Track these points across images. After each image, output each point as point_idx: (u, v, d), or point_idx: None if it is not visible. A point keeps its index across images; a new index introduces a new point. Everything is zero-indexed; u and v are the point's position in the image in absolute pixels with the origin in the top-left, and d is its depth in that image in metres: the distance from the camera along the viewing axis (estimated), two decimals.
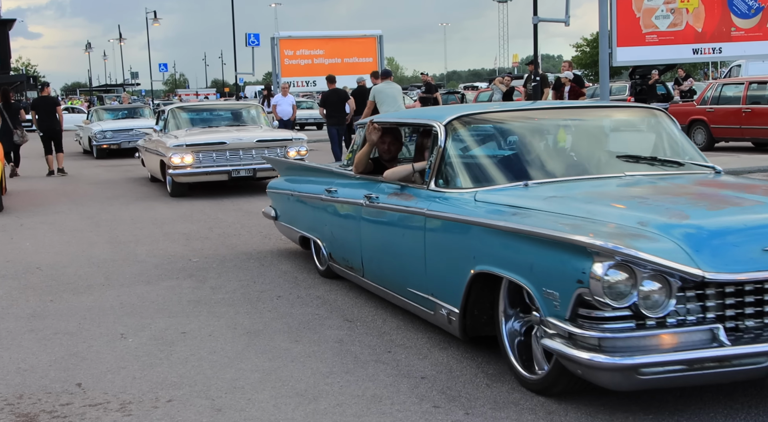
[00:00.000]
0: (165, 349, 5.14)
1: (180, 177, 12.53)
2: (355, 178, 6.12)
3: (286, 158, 12.34)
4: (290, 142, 12.91)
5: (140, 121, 22.90)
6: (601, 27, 13.29)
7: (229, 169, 12.54)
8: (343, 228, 6.18)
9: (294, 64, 24.11)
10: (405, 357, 4.81)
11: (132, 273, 7.50)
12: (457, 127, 5.13)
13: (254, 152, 12.53)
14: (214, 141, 12.61)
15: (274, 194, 7.87)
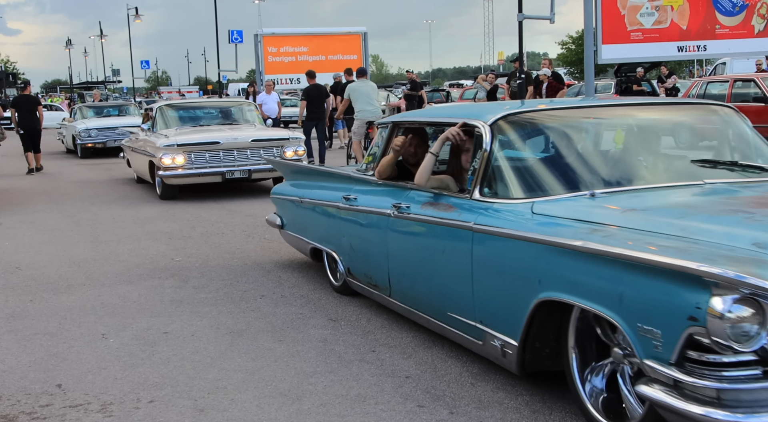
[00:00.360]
0: (147, 349, 5.13)
1: (171, 178, 11.99)
2: (378, 184, 5.51)
3: (283, 158, 11.91)
4: (287, 142, 12.46)
5: (126, 119, 22.33)
6: (586, 24, 13.33)
7: (223, 170, 12.03)
8: (365, 241, 5.54)
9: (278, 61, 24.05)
10: (389, 356, 4.82)
11: (113, 272, 7.47)
12: (504, 127, 4.50)
13: (249, 152, 12.07)
14: (207, 140, 12.09)
15: (280, 200, 7.23)
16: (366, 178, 5.70)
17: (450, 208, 4.47)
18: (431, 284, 4.65)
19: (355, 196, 5.67)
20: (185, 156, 11.85)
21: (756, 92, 16.11)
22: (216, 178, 12.08)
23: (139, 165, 13.84)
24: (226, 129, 12.95)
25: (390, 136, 5.63)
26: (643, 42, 13.65)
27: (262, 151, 12.07)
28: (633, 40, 13.57)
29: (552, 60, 18.03)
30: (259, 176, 12.27)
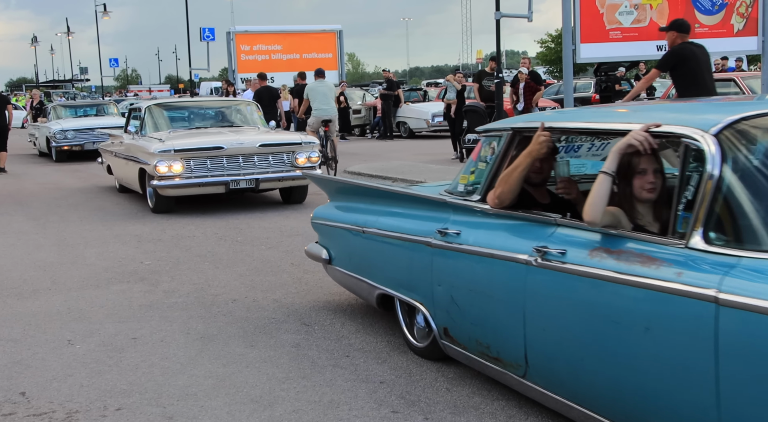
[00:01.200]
0: (114, 356, 5.10)
1: (167, 189, 10.55)
2: (496, 215, 4.10)
3: (295, 166, 10.94)
4: (299, 147, 11.07)
5: (106, 119, 21.27)
6: (564, 23, 13.42)
7: (227, 180, 10.61)
8: (480, 296, 4.01)
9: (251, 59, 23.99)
10: (363, 361, 4.82)
11: (80, 276, 7.42)
12: (736, 139, 3.08)
13: (256, 158, 10.77)
14: (209, 145, 10.62)
15: (327, 227, 5.76)
16: (471, 205, 4.28)
17: (651, 261, 3.08)
18: (620, 375, 3.18)
19: (456, 231, 4.24)
20: (183, 163, 10.44)
21: (736, 92, 16.28)
22: (219, 189, 10.69)
23: (124, 173, 12.47)
24: (227, 132, 11.60)
25: (508, 148, 4.20)
26: (621, 41, 13.75)
27: (271, 158, 10.86)
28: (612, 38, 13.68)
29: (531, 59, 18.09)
30: (267, 186, 11.03)
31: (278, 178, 10.91)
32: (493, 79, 16.46)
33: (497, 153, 4.26)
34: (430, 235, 4.43)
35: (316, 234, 6.03)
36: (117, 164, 12.93)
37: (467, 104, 17.06)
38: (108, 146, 13.67)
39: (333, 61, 23.76)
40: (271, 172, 10.83)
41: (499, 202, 4.06)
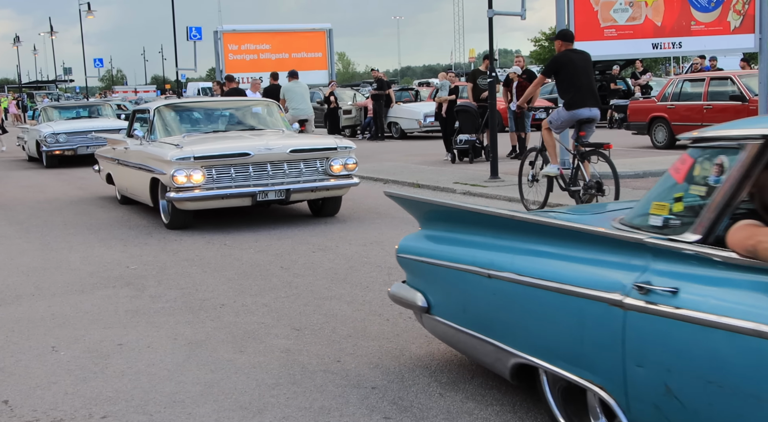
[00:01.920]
0: (100, 362, 5.08)
1: (185, 202, 9.41)
2: (747, 269, 2.79)
3: (330, 174, 9.87)
4: (334, 153, 9.90)
5: (100, 122, 20.54)
6: (558, 21, 13.46)
7: (254, 191, 9.42)
8: (733, 396, 2.70)
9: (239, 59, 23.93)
10: (355, 366, 4.82)
11: (64, 281, 7.40)
12: None
13: (286, 166, 9.64)
14: (234, 152, 9.45)
15: (423, 265, 4.40)
16: (694, 251, 2.98)
17: None
18: None
19: (669, 287, 2.94)
20: (205, 172, 9.29)
21: (733, 90, 16.34)
22: (244, 201, 9.52)
23: (130, 183, 11.30)
24: (249, 136, 10.48)
25: (754, 165, 2.95)
26: (616, 39, 13.80)
27: (303, 165, 9.75)
28: (606, 36, 13.73)
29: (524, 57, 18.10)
30: (298, 197, 9.88)
31: (311, 187, 9.75)
32: (486, 78, 16.46)
33: (731, 173, 3.00)
34: (619, 290, 3.10)
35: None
36: (120, 173, 11.79)
37: (459, 104, 17.07)
38: (107, 152, 12.55)
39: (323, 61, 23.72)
40: (302, 181, 9.74)
41: (760, 251, 2.73)
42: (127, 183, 11.53)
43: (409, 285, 4.58)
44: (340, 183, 9.91)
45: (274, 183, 9.58)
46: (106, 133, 17.81)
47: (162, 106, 11.33)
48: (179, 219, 9.79)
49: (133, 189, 11.27)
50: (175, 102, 12.35)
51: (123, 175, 11.64)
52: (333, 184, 9.87)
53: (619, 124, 23.17)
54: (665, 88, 18.47)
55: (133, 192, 11.29)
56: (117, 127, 18.87)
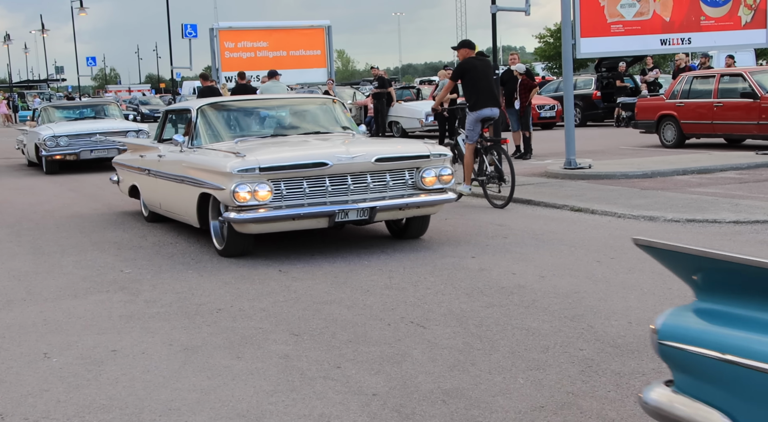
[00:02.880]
0: (93, 369, 5.08)
1: (249, 224, 7.86)
2: None
3: (422, 189, 8.34)
4: (426, 161, 8.34)
5: (106, 123, 19.38)
6: (564, 16, 13.45)
7: (333, 210, 7.86)
8: None
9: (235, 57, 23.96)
10: (356, 372, 4.82)
11: (57, 286, 7.40)
12: None
13: (370, 178, 8.08)
14: (308, 161, 7.89)
15: (726, 367, 2.59)
16: None
17: None
18: None
19: None
20: (272, 187, 7.73)
21: (744, 87, 16.33)
22: (320, 222, 7.96)
23: (167, 198, 9.67)
24: (315, 140, 9.03)
25: None
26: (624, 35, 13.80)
27: (389, 176, 8.20)
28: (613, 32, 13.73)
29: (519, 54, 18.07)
30: (385, 217, 8.35)
31: (399, 205, 8.20)
32: None
33: None
34: None
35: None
36: (151, 186, 10.17)
37: (460, 102, 17.06)
38: (131, 160, 11.06)
39: (321, 58, 23.75)
40: (389, 197, 8.18)
41: None
42: (161, 198, 9.87)
43: (687, 393, 2.78)
44: (434, 198, 8.35)
45: (356, 199, 8.03)
46: (112, 135, 17.61)
47: (206, 105, 9.65)
48: (237, 244, 8.24)
49: (171, 205, 9.61)
50: (222, 100, 10.51)
51: (156, 188, 10.01)
52: (425, 199, 8.31)
53: (627, 123, 23.17)
54: (674, 85, 18.45)
55: (171, 209, 9.64)
56: (124, 129, 18.59)
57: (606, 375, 4.56)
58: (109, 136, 17.70)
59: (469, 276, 7.02)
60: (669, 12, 13.97)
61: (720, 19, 14.27)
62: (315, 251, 8.34)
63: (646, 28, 13.91)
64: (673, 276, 3.02)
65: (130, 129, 18.62)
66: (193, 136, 9.20)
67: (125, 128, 18.63)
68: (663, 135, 18.24)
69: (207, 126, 9.32)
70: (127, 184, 11.27)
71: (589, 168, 13.42)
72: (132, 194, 11.19)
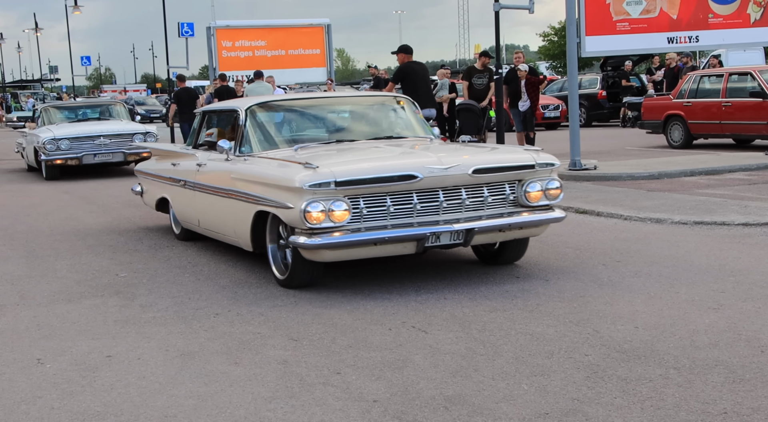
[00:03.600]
0: (87, 375, 5.08)
1: (322, 251, 6.56)
2: None
3: (527, 205, 7.05)
4: (531, 173, 7.03)
5: (111, 125, 18.31)
6: (569, 14, 13.46)
7: (422, 233, 6.58)
8: None
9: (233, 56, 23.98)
10: (356, 378, 4.82)
11: (50, 290, 7.40)
12: None
13: (465, 194, 6.78)
14: (395, 173, 6.59)
15: None
16: None
17: None
18: None
19: None
20: (349, 205, 6.43)
21: (753, 86, 16.33)
22: (406, 248, 6.69)
23: (209, 215, 8.34)
24: (388, 146, 7.69)
25: None
26: (630, 33, 13.80)
27: (487, 191, 6.91)
28: (619, 30, 13.72)
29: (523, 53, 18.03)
30: (482, 240, 7.04)
31: (499, 226, 6.90)
32: (484, 77, 16.35)
33: None
34: None
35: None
36: (187, 200, 8.86)
37: (461, 103, 17.05)
38: (160, 169, 9.83)
39: (321, 58, 23.76)
40: (486, 217, 6.89)
41: None
42: (200, 214, 8.59)
43: None
44: (539, 217, 7.09)
45: (449, 220, 6.77)
46: (118, 138, 17.15)
47: (255, 105, 8.32)
48: (304, 273, 6.97)
49: (214, 224, 8.32)
50: (274, 100, 9.00)
51: (193, 202, 8.70)
52: (529, 219, 7.05)
53: (633, 123, 23.16)
54: (681, 84, 18.45)
55: (214, 228, 8.35)
56: (131, 131, 17.74)
57: (612, 381, 4.56)
58: (114, 139, 17.15)
59: (471, 280, 7.02)
60: (676, 9, 13.97)
61: (728, 16, 14.26)
62: None
63: (652, 26, 13.90)
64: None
65: (137, 131, 17.74)
66: (241, 141, 7.95)
67: (132, 130, 17.81)
68: (670, 135, 18.24)
69: (258, 130, 8.09)
70: (154, 196, 10.01)
71: (594, 169, 13.43)
72: (160, 208, 9.99)
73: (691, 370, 4.69)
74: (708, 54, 31.45)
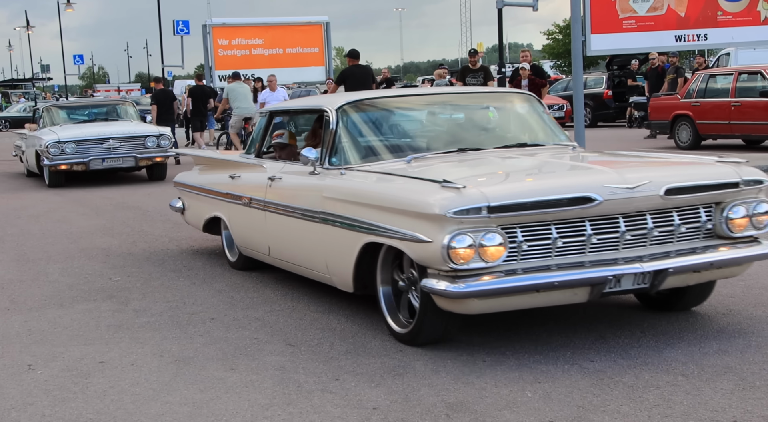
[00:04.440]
0: (80, 382, 5.08)
1: (469, 300, 5.04)
2: None
3: (724, 233, 5.46)
4: (735, 193, 5.51)
5: (120, 126, 17.04)
6: (573, 11, 13.46)
7: (602, 276, 5.06)
8: None
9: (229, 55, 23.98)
10: (355, 385, 4.81)
11: (42, 294, 7.40)
12: None
13: (652, 222, 5.21)
14: (565, 195, 5.06)
15: None
16: None
17: None
18: None
19: None
20: (505, 237, 4.94)
21: (763, 85, 16.32)
22: (576, 295, 5.17)
23: (287, 243, 6.87)
24: (521, 156, 6.25)
25: None
26: (636, 31, 13.80)
27: (677, 217, 5.38)
28: (625, 28, 13.73)
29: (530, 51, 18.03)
30: (673, 283, 5.43)
31: (694, 265, 5.37)
32: (478, 76, 16.31)
33: None
34: None
35: None
36: (253, 222, 7.28)
37: None
38: (211, 182, 8.29)
39: (319, 56, 23.76)
40: (677, 252, 5.37)
41: None
42: (273, 241, 7.05)
43: None
44: (744, 254, 5.51)
45: (630, 257, 5.22)
46: (129, 141, 16.07)
47: (349, 103, 6.66)
48: (437, 326, 5.41)
49: (295, 255, 6.77)
50: (371, 96, 7.23)
51: (263, 226, 7.12)
52: (731, 256, 5.49)
53: (639, 123, 23.15)
54: (689, 83, 18.46)
55: (295, 259, 6.78)
56: (143, 133, 16.45)
57: (618, 388, 4.56)
58: (124, 142, 16.02)
59: None
60: (684, 7, 13.97)
61: (738, 14, 14.26)
62: None
63: (660, 24, 13.90)
64: None
65: (150, 133, 16.53)
66: (331, 150, 6.37)
67: (144, 132, 16.59)
68: (678, 136, 18.23)
69: (355, 135, 6.53)
70: (201, 215, 8.51)
71: None
72: (209, 229, 8.57)
73: (700, 377, 4.69)
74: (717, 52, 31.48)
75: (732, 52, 27.04)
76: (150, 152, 16.11)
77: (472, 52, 16.92)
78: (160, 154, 16.23)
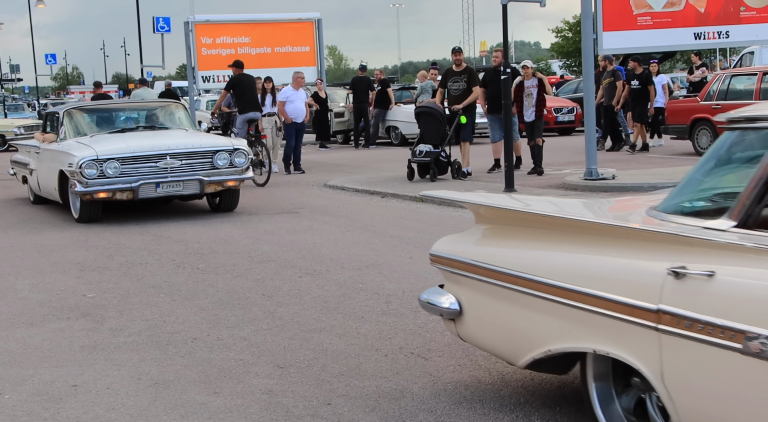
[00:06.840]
0: (51, 407, 5.08)
1: None
2: None
3: None
4: None
5: (177, 137, 13.01)
6: (584, 8, 13.52)
7: None
8: None
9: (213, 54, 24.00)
10: (348, 410, 4.82)
11: (10, 312, 7.40)
12: None
13: None
14: None
15: None
16: None
17: None
18: None
19: None
20: None
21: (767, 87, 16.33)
22: None
23: None
24: None
25: None
26: (652, 28, 13.85)
27: None
28: (640, 25, 13.78)
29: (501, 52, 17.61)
30: None
31: None
32: (461, 80, 15.90)
33: None
34: None
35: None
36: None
37: (420, 105, 16.75)
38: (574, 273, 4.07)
39: (311, 56, 23.77)
40: None
41: None
42: None
43: None
44: None
45: None
46: (191, 158, 12.27)
47: None
48: None
49: None
50: None
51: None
52: None
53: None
54: (710, 85, 18.51)
55: None
56: (213, 148, 12.53)
57: None
58: (186, 160, 12.20)
59: None
60: (704, 2, 14.02)
61: (762, 9, 14.29)
62: (303, 273, 8.36)
63: (677, 21, 13.94)
64: None
65: (222, 147, 12.58)
66: None
67: (213, 146, 12.66)
68: (697, 141, 18.26)
69: None
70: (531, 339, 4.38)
71: (612, 179, 13.46)
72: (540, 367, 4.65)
73: None
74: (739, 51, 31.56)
75: (756, 50, 27.12)
76: (221, 174, 12.31)
77: (456, 49, 16.33)
78: (234, 176, 12.41)
